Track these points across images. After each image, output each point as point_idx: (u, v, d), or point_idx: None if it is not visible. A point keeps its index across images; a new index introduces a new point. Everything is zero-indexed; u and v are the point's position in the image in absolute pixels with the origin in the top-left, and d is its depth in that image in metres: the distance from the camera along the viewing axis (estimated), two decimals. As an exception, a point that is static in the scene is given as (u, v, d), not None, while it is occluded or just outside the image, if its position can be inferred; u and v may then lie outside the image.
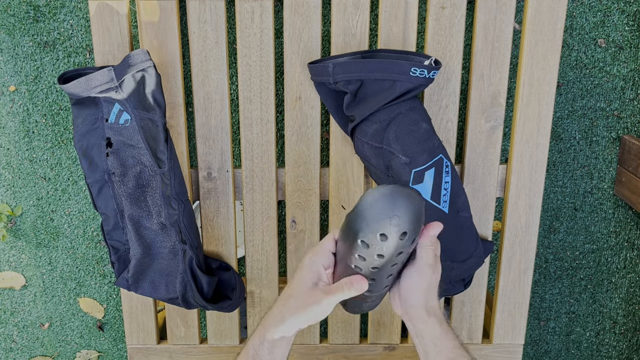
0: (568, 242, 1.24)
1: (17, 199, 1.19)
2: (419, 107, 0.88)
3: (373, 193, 0.56)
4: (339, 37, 0.90)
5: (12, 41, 1.09)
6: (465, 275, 0.96)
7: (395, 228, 0.55)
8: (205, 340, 1.08)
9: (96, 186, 0.93)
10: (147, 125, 0.87)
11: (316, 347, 1.08)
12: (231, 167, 0.97)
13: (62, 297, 1.28)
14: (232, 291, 1.00)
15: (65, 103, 1.13)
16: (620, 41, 1.09)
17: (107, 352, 1.34)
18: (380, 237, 0.56)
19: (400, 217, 0.55)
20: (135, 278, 0.96)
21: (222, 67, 0.92)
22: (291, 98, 0.93)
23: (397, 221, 0.55)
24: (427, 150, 0.86)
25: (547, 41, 0.90)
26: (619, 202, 1.20)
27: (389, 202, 0.55)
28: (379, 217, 0.55)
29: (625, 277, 1.26)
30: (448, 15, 0.89)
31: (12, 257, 1.24)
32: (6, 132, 1.14)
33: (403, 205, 0.55)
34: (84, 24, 1.08)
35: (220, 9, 0.89)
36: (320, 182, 0.98)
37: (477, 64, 0.92)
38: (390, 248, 0.57)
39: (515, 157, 0.96)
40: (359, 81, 0.86)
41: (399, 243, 0.56)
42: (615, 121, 1.14)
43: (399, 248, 0.57)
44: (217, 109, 0.94)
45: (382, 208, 0.55)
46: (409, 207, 0.55)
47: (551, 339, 1.33)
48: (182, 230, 0.91)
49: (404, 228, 0.55)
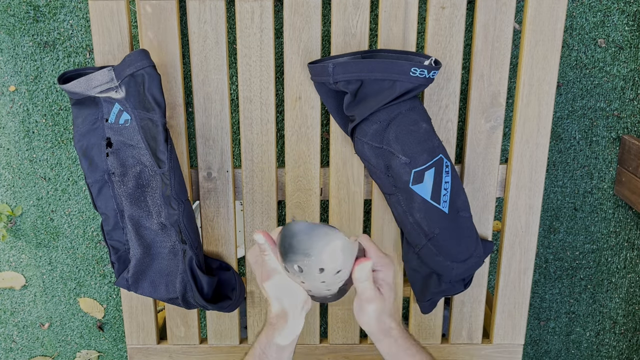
0: (568, 242, 1.24)
1: (17, 199, 1.19)
2: (419, 107, 0.88)
3: (292, 228, 0.60)
4: (339, 37, 0.90)
5: (12, 41, 1.09)
6: (465, 275, 0.96)
7: (310, 264, 0.60)
8: (205, 340, 1.08)
9: (96, 186, 0.93)
10: (147, 125, 0.87)
11: (316, 347, 1.08)
12: (231, 167, 0.97)
13: (62, 297, 1.28)
14: (232, 291, 1.00)
15: (65, 103, 1.13)
16: (620, 41, 1.09)
17: (107, 352, 1.34)
18: (298, 268, 0.61)
19: (314, 255, 0.59)
20: (135, 278, 0.96)
21: (222, 67, 0.92)
22: (291, 98, 0.93)
23: (310, 259, 0.59)
24: (427, 150, 0.86)
25: (547, 41, 0.90)
26: (619, 202, 1.20)
27: (304, 241, 0.59)
28: (296, 251, 0.60)
29: (625, 277, 1.26)
30: (448, 15, 0.89)
31: (12, 257, 1.24)
32: (6, 132, 1.14)
33: (318, 244, 0.59)
34: (84, 24, 1.08)
35: (220, 9, 0.89)
36: (320, 182, 0.98)
37: (477, 64, 0.92)
38: (309, 279, 0.62)
39: (515, 157, 0.96)
40: (359, 81, 0.86)
41: (318, 276, 0.61)
42: (615, 121, 1.14)
43: (320, 278, 0.61)
44: (217, 109, 0.94)
45: (298, 244, 0.60)
46: (324, 247, 0.59)
47: (551, 339, 1.33)
48: (182, 230, 0.91)
49: (320, 265, 0.60)
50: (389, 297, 0.67)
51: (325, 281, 0.62)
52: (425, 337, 1.06)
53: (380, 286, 0.67)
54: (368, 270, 0.64)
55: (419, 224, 0.90)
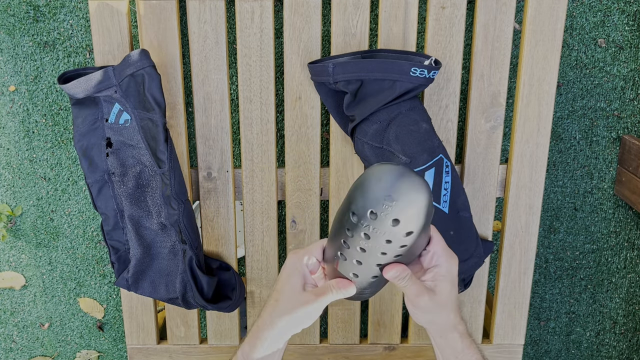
0: (568, 242, 1.24)
1: (17, 199, 1.19)
2: (419, 107, 0.88)
3: (380, 167, 0.51)
4: (339, 37, 0.90)
5: (12, 41, 1.09)
6: (465, 275, 0.96)
7: (387, 209, 0.50)
8: (205, 340, 1.08)
9: (96, 186, 0.93)
10: (147, 125, 0.87)
11: (316, 347, 1.08)
12: (231, 167, 0.97)
13: (62, 297, 1.28)
14: (232, 291, 1.00)
15: (65, 103, 1.13)
16: (621, 41, 1.09)
17: (107, 352, 1.34)
18: (370, 214, 0.52)
19: (397, 201, 0.50)
20: (135, 278, 0.96)
21: (222, 67, 0.92)
22: (291, 98, 0.93)
23: (391, 204, 0.50)
24: (427, 150, 0.86)
25: (547, 41, 0.90)
26: (619, 202, 1.20)
27: (390, 182, 0.50)
28: (374, 193, 0.51)
29: (626, 277, 1.26)
30: (448, 15, 0.89)
31: (12, 257, 1.24)
32: (6, 132, 1.14)
33: (404, 191, 0.50)
34: (84, 24, 1.08)
35: (220, 9, 0.89)
36: (320, 182, 0.98)
37: (477, 64, 0.92)
38: (378, 231, 0.53)
39: (515, 157, 0.96)
40: (359, 81, 0.86)
41: (389, 229, 0.52)
42: (615, 121, 1.14)
43: (388, 235, 0.53)
44: (217, 109, 0.94)
45: (381, 186, 0.50)
46: (411, 196, 0.50)
47: (551, 339, 1.33)
48: (182, 230, 0.91)
49: (397, 215, 0.51)
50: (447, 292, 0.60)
51: (392, 240, 0.53)
52: (426, 338, 1.06)
53: (439, 281, 0.60)
54: (399, 272, 0.58)
55: (419, 224, 0.89)
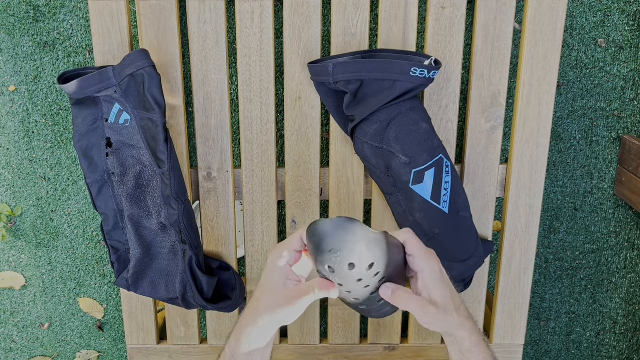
0: (568, 242, 1.24)
1: (17, 199, 1.19)
2: (419, 107, 0.88)
3: (314, 227, 0.56)
4: (339, 37, 0.90)
5: (12, 41, 1.09)
6: (465, 275, 0.96)
7: (338, 260, 0.56)
8: (205, 340, 1.08)
9: (96, 186, 0.93)
10: (147, 125, 0.87)
11: (316, 347, 1.08)
12: (231, 167, 0.97)
13: (62, 297, 1.28)
14: (232, 291, 1.00)
15: (65, 103, 1.13)
16: (621, 41, 1.09)
17: (107, 352, 1.34)
18: (329, 269, 0.57)
19: (341, 250, 0.55)
20: (135, 278, 0.96)
21: (222, 67, 0.92)
22: (291, 98, 0.93)
23: (338, 255, 0.56)
24: (427, 150, 0.86)
25: (547, 41, 0.90)
26: (619, 202, 1.20)
27: (327, 237, 0.56)
28: (321, 253, 0.56)
29: (626, 277, 1.26)
30: (448, 15, 0.89)
31: (12, 257, 1.24)
32: (6, 132, 1.14)
33: (342, 239, 0.55)
34: (84, 24, 1.07)
35: (220, 9, 0.89)
36: (320, 182, 0.98)
37: (477, 64, 0.92)
38: (345, 276, 0.58)
39: (516, 157, 0.96)
40: (359, 81, 0.86)
41: (352, 272, 0.57)
42: (615, 121, 1.14)
43: (356, 275, 0.58)
44: (217, 109, 0.94)
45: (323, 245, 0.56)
46: (348, 240, 0.55)
47: (551, 339, 1.33)
48: (182, 230, 0.91)
49: (348, 260, 0.56)
50: (441, 295, 0.61)
51: (362, 278, 0.58)
52: (425, 337, 1.06)
53: (429, 287, 0.61)
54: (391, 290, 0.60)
55: (419, 224, 0.89)
